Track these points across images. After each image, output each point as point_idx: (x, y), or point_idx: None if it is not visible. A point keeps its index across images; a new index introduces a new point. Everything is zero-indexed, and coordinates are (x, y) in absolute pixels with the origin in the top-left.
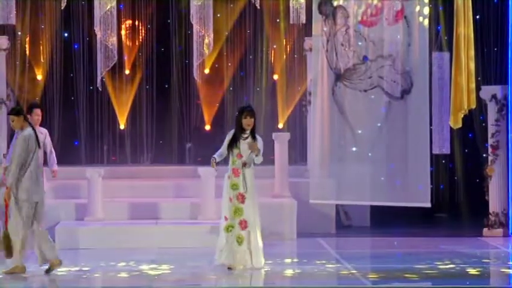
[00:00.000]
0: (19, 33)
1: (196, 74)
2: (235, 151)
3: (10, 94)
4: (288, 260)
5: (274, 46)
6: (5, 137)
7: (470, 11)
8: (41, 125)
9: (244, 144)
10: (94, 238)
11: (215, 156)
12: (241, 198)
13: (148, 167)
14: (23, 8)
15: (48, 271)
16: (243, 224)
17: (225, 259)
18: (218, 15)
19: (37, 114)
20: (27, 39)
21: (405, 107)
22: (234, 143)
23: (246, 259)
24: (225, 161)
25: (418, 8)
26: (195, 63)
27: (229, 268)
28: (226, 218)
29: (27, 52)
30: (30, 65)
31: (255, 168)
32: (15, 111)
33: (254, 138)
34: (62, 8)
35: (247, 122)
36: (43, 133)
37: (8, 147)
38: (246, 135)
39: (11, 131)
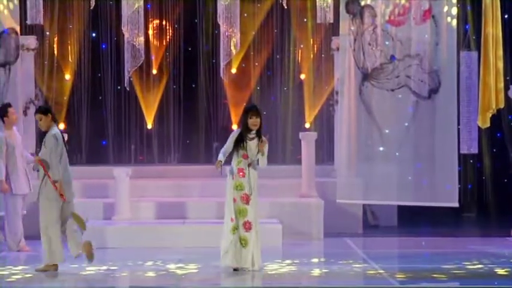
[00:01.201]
0: (47, 33)
1: (223, 73)
2: (241, 151)
3: (38, 94)
4: (315, 260)
5: (302, 45)
6: (33, 136)
7: (498, 10)
8: (69, 125)
9: (250, 145)
10: (122, 237)
11: (221, 158)
12: (246, 199)
13: (176, 167)
14: (51, 8)
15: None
16: (247, 225)
17: (230, 261)
18: (245, 14)
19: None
20: (56, 39)
21: (433, 107)
22: (240, 143)
23: (249, 261)
24: (227, 162)
25: (446, 8)
26: (222, 63)
27: (234, 269)
28: (232, 219)
29: (56, 52)
30: (59, 64)
31: (258, 169)
32: (42, 110)
33: (260, 138)
34: (91, 7)
35: (253, 122)
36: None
37: (37, 146)
38: (252, 136)
39: (38, 130)
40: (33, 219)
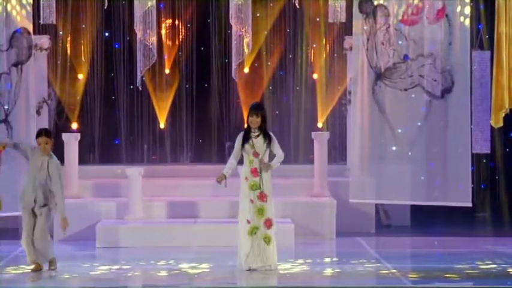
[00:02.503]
0: (60, 32)
1: (234, 74)
2: (251, 150)
3: (51, 93)
4: (328, 259)
5: (314, 45)
6: None
7: (511, 9)
8: (82, 124)
9: (256, 142)
10: (134, 237)
11: (225, 172)
12: (264, 197)
13: (188, 166)
14: (64, 8)
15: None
16: (268, 223)
17: (254, 262)
18: (258, 14)
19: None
20: (69, 38)
21: (446, 106)
22: (246, 141)
23: (275, 258)
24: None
25: (459, 8)
26: (234, 63)
27: (252, 269)
28: (248, 222)
29: (69, 51)
30: (72, 64)
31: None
32: (49, 134)
33: (266, 135)
34: (105, 7)
35: (252, 120)
36: None
37: None
38: (256, 133)
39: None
40: None
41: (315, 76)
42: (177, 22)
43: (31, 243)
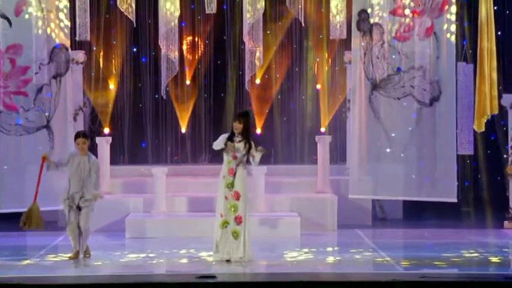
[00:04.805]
0: (94, 48)
1: (247, 85)
2: (231, 153)
3: (86, 102)
4: (330, 249)
5: (318, 59)
6: None
7: (493, 27)
8: (113, 129)
9: (238, 146)
10: (159, 228)
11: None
12: (237, 195)
13: (206, 166)
14: (97, 26)
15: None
16: (238, 220)
17: (221, 255)
18: (268, 32)
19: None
20: (101, 53)
21: (434, 113)
22: (229, 141)
23: (241, 251)
24: (220, 161)
25: (446, 26)
26: (247, 75)
27: (227, 261)
28: (222, 215)
29: (101, 65)
30: (104, 76)
31: (247, 168)
32: (87, 136)
33: (246, 142)
34: (134, 26)
35: (235, 126)
36: None
37: None
38: (238, 139)
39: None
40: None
41: (319, 86)
42: (196, 39)
43: (77, 232)
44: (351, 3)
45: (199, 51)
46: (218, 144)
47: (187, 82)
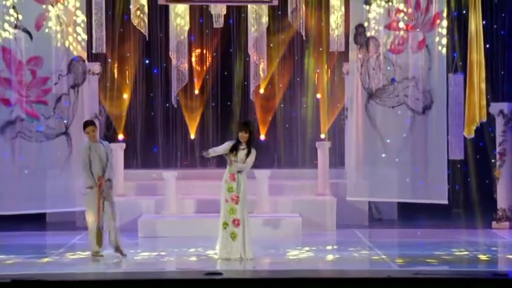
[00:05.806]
0: (109, 60)
1: (252, 94)
2: (233, 159)
3: (102, 110)
4: (329, 247)
5: (318, 70)
6: None
7: (481, 40)
8: (127, 135)
9: (241, 154)
10: (169, 228)
11: (210, 150)
12: (236, 199)
13: (214, 170)
14: (112, 39)
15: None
16: (236, 222)
17: (221, 253)
18: (271, 45)
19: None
20: (116, 65)
21: (426, 120)
22: (233, 151)
23: (239, 251)
24: (224, 166)
25: (437, 39)
26: (252, 85)
27: (226, 259)
28: (223, 217)
29: (116, 75)
30: (118, 86)
31: (247, 174)
32: (94, 122)
33: (250, 149)
34: (147, 39)
35: (242, 135)
36: None
37: None
38: (243, 147)
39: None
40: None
41: (319, 95)
42: (204, 51)
43: (99, 226)
44: (349, 18)
45: (207, 63)
46: (216, 151)
47: (196, 92)
